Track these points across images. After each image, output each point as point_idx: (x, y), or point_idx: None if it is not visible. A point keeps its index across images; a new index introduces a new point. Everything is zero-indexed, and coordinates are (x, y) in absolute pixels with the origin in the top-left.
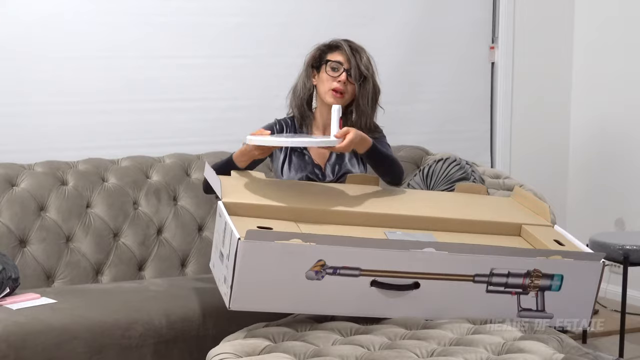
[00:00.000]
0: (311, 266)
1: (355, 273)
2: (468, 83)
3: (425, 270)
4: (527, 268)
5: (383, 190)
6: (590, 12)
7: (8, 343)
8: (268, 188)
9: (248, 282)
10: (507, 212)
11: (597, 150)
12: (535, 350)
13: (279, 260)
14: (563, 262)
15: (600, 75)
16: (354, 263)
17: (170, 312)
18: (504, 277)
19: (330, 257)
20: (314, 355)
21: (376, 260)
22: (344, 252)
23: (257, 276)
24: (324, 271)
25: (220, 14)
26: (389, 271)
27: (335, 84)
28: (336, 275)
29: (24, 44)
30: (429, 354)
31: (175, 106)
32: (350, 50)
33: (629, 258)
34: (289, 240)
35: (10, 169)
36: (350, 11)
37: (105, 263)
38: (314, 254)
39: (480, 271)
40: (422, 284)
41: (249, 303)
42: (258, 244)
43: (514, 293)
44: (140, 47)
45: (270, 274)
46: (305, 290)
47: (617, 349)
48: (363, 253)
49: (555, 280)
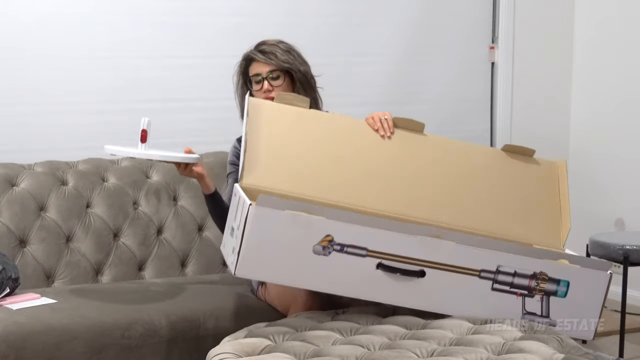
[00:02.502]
0: (319, 240)
1: (362, 253)
2: (468, 83)
3: (431, 258)
4: (533, 269)
5: (419, 169)
6: (590, 12)
7: (8, 343)
8: (294, 163)
9: (255, 249)
10: (525, 219)
11: (597, 150)
12: (535, 350)
13: (288, 230)
14: (570, 268)
15: (600, 75)
16: (362, 242)
17: (170, 312)
18: (510, 276)
19: (339, 233)
20: (314, 355)
21: (384, 243)
22: (353, 230)
23: (265, 244)
24: (331, 247)
25: (220, 14)
26: (396, 255)
27: (262, 95)
28: (343, 253)
29: (23, 43)
30: (429, 354)
31: (175, 106)
32: (263, 56)
33: (629, 258)
34: (299, 211)
35: (10, 169)
36: (350, 11)
37: (105, 263)
38: (323, 227)
39: (487, 267)
40: (428, 273)
41: (254, 271)
42: (268, 211)
43: (519, 294)
44: (140, 47)
45: (278, 243)
46: (310, 265)
47: (617, 349)
48: (372, 233)
49: (561, 286)
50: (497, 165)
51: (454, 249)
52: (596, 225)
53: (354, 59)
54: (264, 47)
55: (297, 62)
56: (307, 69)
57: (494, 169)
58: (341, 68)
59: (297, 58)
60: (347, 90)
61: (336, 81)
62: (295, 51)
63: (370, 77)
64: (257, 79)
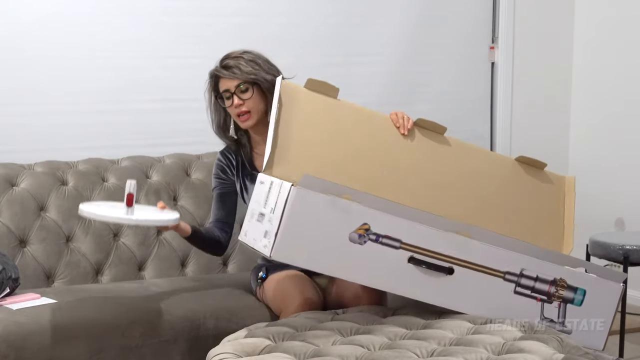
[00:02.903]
0: (356, 227)
1: (396, 245)
2: (468, 83)
3: (460, 256)
4: (554, 275)
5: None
6: (590, 12)
7: (8, 343)
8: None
9: (294, 232)
10: (531, 232)
11: (597, 150)
12: (535, 350)
13: (327, 214)
14: (588, 277)
15: (600, 75)
16: (397, 234)
17: (170, 312)
18: (532, 280)
19: (376, 222)
20: (314, 355)
21: (417, 236)
22: (390, 220)
23: (304, 227)
24: (367, 236)
25: (220, 14)
26: (427, 250)
27: (234, 110)
28: (378, 243)
29: (23, 43)
30: (429, 354)
31: (175, 106)
32: (228, 71)
33: (629, 258)
34: (340, 196)
35: (10, 169)
36: (350, 11)
37: (105, 263)
38: (361, 214)
39: (512, 269)
40: (457, 271)
41: (290, 255)
42: (310, 194)
43: (539, 299)
44: (140, 47)
45: (316, 227)
46: (345, 254)
47: (617, 349)
48: (407, 225)
49: (578, 295)
50: (511, 175)
51: (483, 248)
52: (596, 225)
53: (354, 59)
54: (228, 62)
55: (263, 70)
56: (274, 76)
57: (507, 178)
58: (341, 68)
59: (262, 67)
60: (347, 90)
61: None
62: (261, 59)
63: (370, 77)
64: (227, 95)
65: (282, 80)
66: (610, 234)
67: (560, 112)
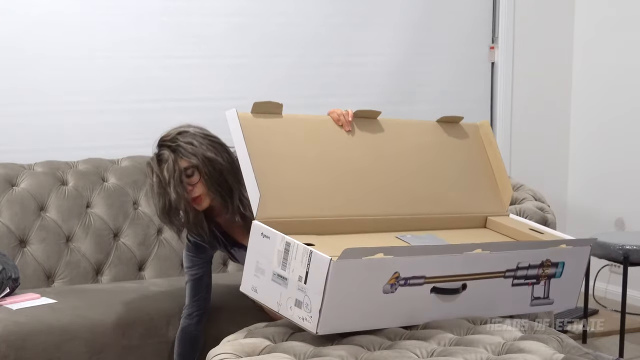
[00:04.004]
0: (388, 279)
1: (421, 281)
2: (468, 83)
3: (471, 271)
4: (541, 259)
5: (378, 177)
6: (590, 12)
7: (8, 343)
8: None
9: (336, 304)
10: (470, 195)
11: (597, 150)
12: (535, 350)
13: (362, 276)
14: (564, 250)
15: (600, 75)
16: (421, 272)
17: (170, 312)
18: (525, 269)
19: (403, 268)
20: (314, 355)
21: (436, 267)
22: (415, 261)
23: (344, 296)
24: (398, 283)
25: (220, 14)
26: (445, 276)
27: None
28: (407, 286)
29: (23, 43)
30: (429, 354)
31: (175, 106)
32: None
33: (629, 258)
34: (374, 256)
35: (10, 169)
36: (350, 11)
37: (105, 263)
38: (392, 266)
39: (510, 266)
40: (469, 285)
41: (336, 326)
42: (348, 263)
43: (530, 284)
44: (140, 47)
45: (355, 291)
46: (381, 305)
47: (617, 349)
48: (427, 260)
49: (559, 268)
50: (435, 139)
51: (488, 257)
52: (596, 225)
53: (354, 59)
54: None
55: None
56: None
57: (433, 144)
58: (341, 68)
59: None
60: (347, 91)
61: (336, 81)
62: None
63: (371, 77)
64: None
65: (233, 112)
66: (610, 234)
67: (560, 112)
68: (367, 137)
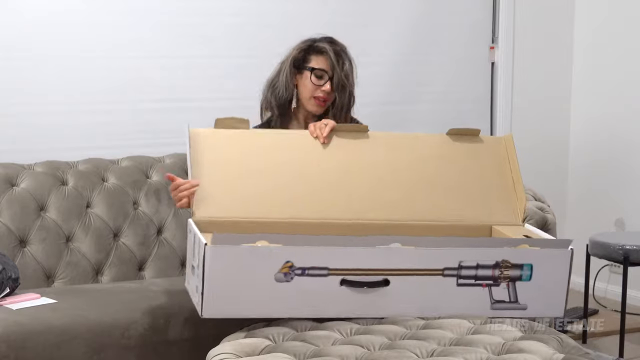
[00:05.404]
0: (279, 268)
1: (324, 273)
2: (468, 83)
3: (393, 266)
4: (495, 259)
5: (354, 183)
6: (590, 12)
7: (8, 343)
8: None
9: (218, 288)
10: (480, 201)
11: (597, 150)
12: (535, 350)
13: (247, 263)
14: (531, 252)
15: (600, 75)
16: (322, 263)
17: (170, 312)
18: (472, 269)
19: (298, 258)
20: (314, 355)
21: (344, 259)
22: (311, 252)
23: (227, 281)
24: (293, 272)
25: (220, 14)
26: (357, 269)
27: (319, 92)
28: (305, 276)
29: (23, 43)
30: (429, 354)
31: (175, 106)
32: (335, 57)
33: (629, 258)
34: (255, 243)
35: (10, 169)
36: (349, 11)
37: (105, 263)
38: (281, 255)
39: (449, 264)
40: (392, 281)
41: (221, 310)
42: (225, 249)
43: (484, 285)
44: (140, 47)
45: (240, 278)
46: (275, 293)
47: (617, 349)
48: (330, 252)
49: (525, 270)
50: (444, 151)
51: (414, 253)
52: (596, 225)
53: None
54: (337, 48)
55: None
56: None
57: (441, 156)
58: None
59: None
60: None
61: None
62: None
63: (371, 77)
64: (322, 75)
65: (190, 129)
66: (610, 234)
67: (560, 112)
68: (349, 148)
